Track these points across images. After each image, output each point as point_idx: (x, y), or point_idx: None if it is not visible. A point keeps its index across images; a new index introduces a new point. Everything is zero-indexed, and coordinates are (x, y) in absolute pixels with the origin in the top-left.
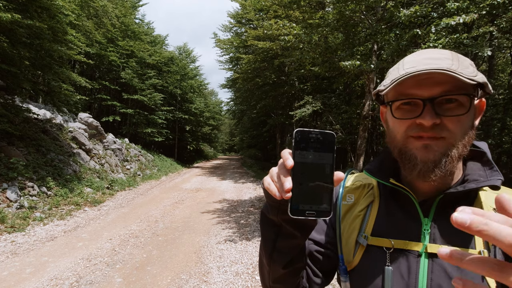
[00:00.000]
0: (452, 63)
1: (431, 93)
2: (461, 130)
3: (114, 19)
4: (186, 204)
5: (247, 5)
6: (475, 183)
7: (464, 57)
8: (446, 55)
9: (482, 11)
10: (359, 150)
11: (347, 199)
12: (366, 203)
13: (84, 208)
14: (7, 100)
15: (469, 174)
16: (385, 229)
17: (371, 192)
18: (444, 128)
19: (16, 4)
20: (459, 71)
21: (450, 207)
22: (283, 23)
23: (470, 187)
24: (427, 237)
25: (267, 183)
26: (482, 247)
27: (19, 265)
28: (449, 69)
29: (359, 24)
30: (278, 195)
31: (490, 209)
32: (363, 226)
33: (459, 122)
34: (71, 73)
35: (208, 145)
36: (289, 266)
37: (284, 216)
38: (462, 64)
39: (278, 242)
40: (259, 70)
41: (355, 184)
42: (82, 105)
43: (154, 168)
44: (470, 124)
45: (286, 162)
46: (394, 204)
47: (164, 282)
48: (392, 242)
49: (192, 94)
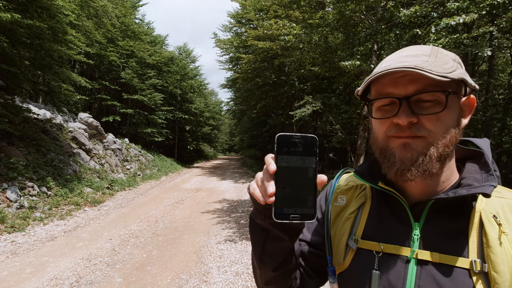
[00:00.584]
0: (427, 59)
1: (407, 92)
2: (442, 129)
3: (114, 19)
4: (186, 204)
5: (247, 5)
6: (467, 189)
7: (447, 52)
8: (425, 51)
9: (482, 11)
10: (359, 150)
11: (338, 201)
12: (357, 205)
13: (84, 208)
14: (7, 100)
15: (465, 178)
16: (375, 232)
17: (363, 193)
18: (422, 127)
19: (16, 4)
20: (429, 68)
21: (443, 211)
22: (283, 23)
23: (461, 194)
24: (417, 243)
25: (252, 188)
26: (475, 256)
27: (19, 265)
28: (418, 66)
29: (359, 24)
30: (262, 199)
31: (489, 216)
32: (354, 229)
33: (439, 120)
34: (71, 73)
35: (208, 145)
36: (280, 269)
37: (271, 220)
38: (439, 60)
39: (267, 246)
40: (259, 70)
41: (348, 185)
42: (82, 105)
43: (154, 168)
44: (453, 122)
45: (269, 167)
46: (385, 207)
47: (164, 282)
48: (381, 246)
49: (192, 94)
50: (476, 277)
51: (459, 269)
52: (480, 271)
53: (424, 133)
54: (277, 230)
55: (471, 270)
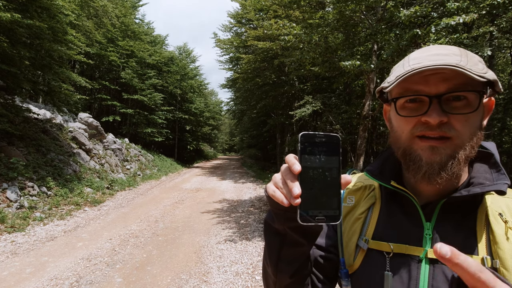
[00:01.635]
0: (460, 59)
1: (438, 90)
2: (469, 130)
3: (114, 19)
4: (186, 204)
5: (247, 5)
6: (480, 187)
7: (473, 54)
8: (454, 51)
9: (482, 11)
10: (359, 150)
11: (347, 201)
12: (367, 206)
13: (84, 208)
14: (7, 100)
15: (475, 177)
16: (386, 232)
17: (372, 194)
18: (451, 127)
19: (16, 4)
20: (468, 67)
21: (454, 211)
22: (283, 23)
23: (474, 192)
24: (429, 242)
25: (271, 191)
26: (485, 253)
27: (19, 265)
28: (458, 65)
29: (359, 24)
30: (286, 202)
31: (495, 214)
32: (364, 230)
33: (467, 121)
34: (71, 73)
35: (208, 145)
36: (296, 275)
37: (291, 223)
38: (471, 61)
39: (284, 251)
40: (259, 70)
41: (356, 186)
42: (82, 105)
43: (154, 168)
44: (478, 124)
45: (293, 167)
46: (396, 207)
47: (164, 282)
48: (391, 247)
49: (192, 94)
50: None
51: None
52: (491, 268)
53: (453, 133)
54: (295, 234)
55: None
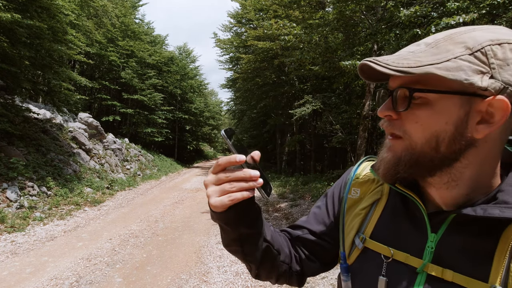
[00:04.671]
0: (419, 48)
1: (395, 84)
2: (422, 133)
3: (114, 19)
4: (186, 204)
5: (247, 5)
6: (500, 208)
7: (467, 38)
8: (432, 39)
9: (482, 10)
10: (359, 150)
11: (352, 193)
12: (371, 201)
13: (84, 208)
14: (7, 100)
15: (503, 191)
16: (386, 234)
17: (379, 188)
18: (401, 126)
19: (16, 4)
20: (394, 61)
21: (468, 226)
22: (283, 23)
23: (491, 215)
24: (429, 256)
25: (227, 198)
26: (497, 282)
27: (19, 265)
28: (376, 60)
29: (359, 24)
30: (249, 193)
31: None
32: (363, 226)
33: (418, 123)
34: (71, 73)
35: (208, 145)
36: (264, 264)
37: (238, 223)
38: (435, 49)
39: (245, 249)
40: (259, 70)
41: (364, 177)
42: (82, 105)
43: (154, 168)
44: (445, 127)
45: (237, 159)
46: (402, 207)
47: (164, 282)
48: (391, 252)
49: (192, 94)
50: None
51: None
52: None
53: (400, 133)
54: (243, 228)
55: None
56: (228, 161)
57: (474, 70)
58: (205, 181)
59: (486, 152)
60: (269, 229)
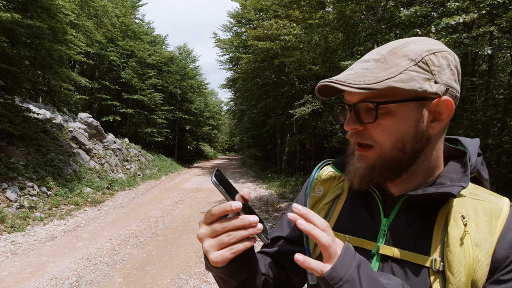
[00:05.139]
0: (371, 65)
1: (354, 99)
2: (389, 139)
3: (114, 19)
4: (186, 204)
5: (247, 5)
6: (436, 187)
7: (409, 50)
8: (378, 54)
9: (482, 10)
10: None
11: (316, 191)
12: (333, 196)
13: (84, 208)
14: (7, 100)
15: (441, 176)
16: (346, 224)
17: (340, 184)
18: (369, 136)
19: (16, 4)
20: (356, 80)
21: (415, 209)
22: (283, 23)
23: (427, 192)
24: (383, 238)
25: (229, 252)
26: (437, 255)
27: (19, 265)
28: (339, 80)
29: (359, 24)
30: (250, 242)
31: (457, 216)
32: (326, 220)
33: (384, 131)
34: (71, 73)
35: (208, 145)
36: None
37: (240, 272)
38: (385, 65)
39: None
40: (259, 70)
41: (327, 176)
42: (82, 105)
43: (154, 168)
44: (406, 131)
45: (233, 206)
46: (361, 200)
47: (164, 282)
48: (347, 238)
49: (192, 94)
50: (434, 276)
51: (419, 266)
52: (438, 270)
53: (370, 142)
54: (244, 274)
55: (431, 269)
56: (223, 210)
57: (423, 78)
58: (199, 235)
59: (436, 147)
60: (262, 261)
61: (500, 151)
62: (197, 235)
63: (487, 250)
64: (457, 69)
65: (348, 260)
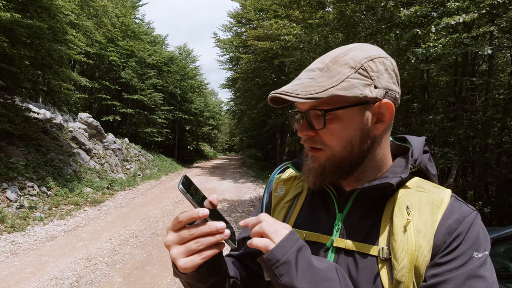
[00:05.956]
0: (316, 74)
1: (305, 107)
2: (339, 142)
3: (114, 19)
4: (186, 204)
5: (247, 5)
6: (380, 180)
7: (349, 58)
8: (322, 63)
9: (482, 10)
10: None
11: (278, 191)
12: (293, 195)
13: (84, 208)
14: (7, 100)
15: (387, 171)
16: (305, 221)
17: (300, 184)
18: (320, 140)
19: (16, 4)
20: (303, 90)
21: (366, 202)
22: (283, 23)
23: (372, 184)
24: (337, 232)
25: (199, 258)
26: (384, 244)
27: (19, 265)
28: (287, 91)
29: (359, 24)
30: (218, 249)
31: (402, 207)
32: (287, 218)
33: (334, 135)
34: (71, 73)
35: (208, 145)
36: None
37: (209, 276)
38: (328, 74)
39: None
40: (259, 70)
41: (288, 176)
42: (82, 105)
43: (154, 168)
44: (353, 133)
45: (200, 213)
46: (319, 197)
47: (164, 282)
48: (304, 234)
49: (192, 94)
50: (381, 264)
51: (369, 256)
52: (385, 258)
53: (321, 146)
54: (211, 278)
55: (379, 257)
56: (191, 217)
57: (363, 85)
58: (166, 242)
59: (383, 146)
60: (230, 264)
61: (500, 151)
62: (164, 242)
63: (428, 237)
64: (394, 72)
65: (289, 244)
